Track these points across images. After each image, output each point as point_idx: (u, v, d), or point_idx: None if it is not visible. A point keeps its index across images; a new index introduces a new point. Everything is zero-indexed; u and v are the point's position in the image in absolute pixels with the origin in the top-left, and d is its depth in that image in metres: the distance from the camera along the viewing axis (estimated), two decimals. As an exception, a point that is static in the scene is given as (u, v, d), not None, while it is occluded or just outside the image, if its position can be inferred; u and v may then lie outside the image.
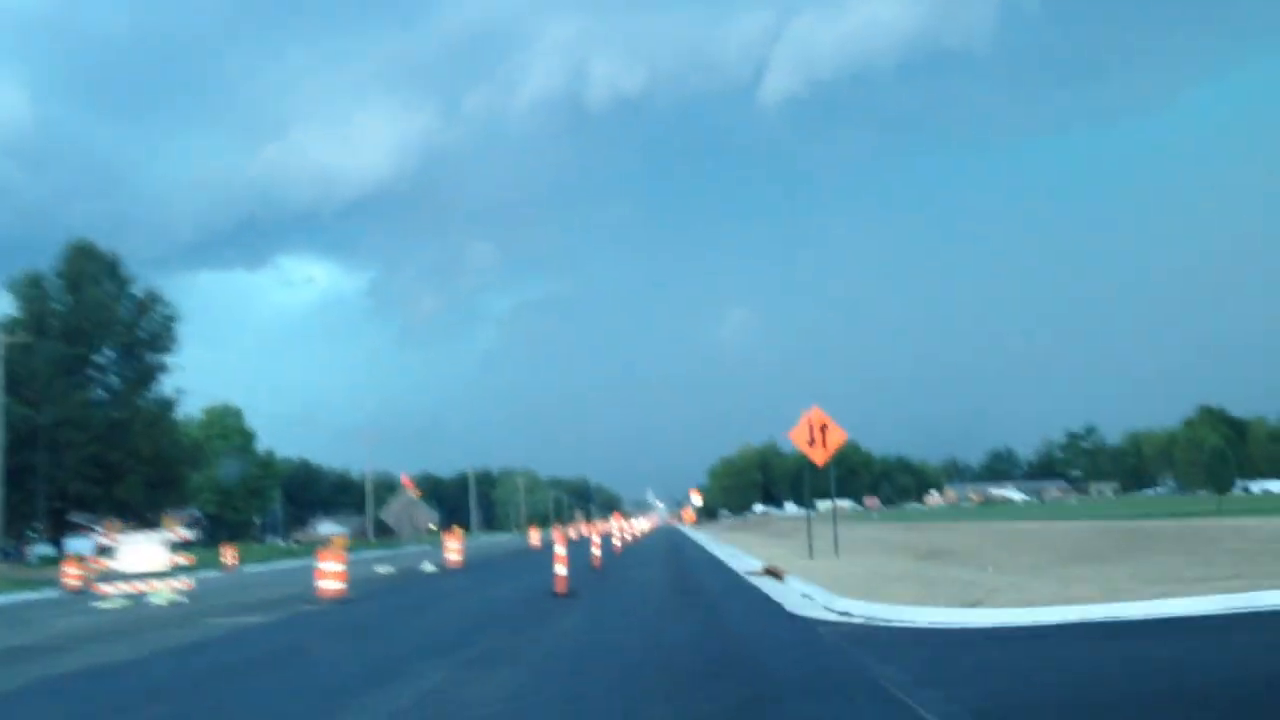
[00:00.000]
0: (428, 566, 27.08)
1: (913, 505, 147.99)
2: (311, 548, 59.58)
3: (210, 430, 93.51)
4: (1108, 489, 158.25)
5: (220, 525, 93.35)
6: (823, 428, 24.03)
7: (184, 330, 61.30)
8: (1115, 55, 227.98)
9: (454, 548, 28.51)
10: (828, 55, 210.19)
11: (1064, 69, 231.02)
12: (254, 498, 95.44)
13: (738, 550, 31.29)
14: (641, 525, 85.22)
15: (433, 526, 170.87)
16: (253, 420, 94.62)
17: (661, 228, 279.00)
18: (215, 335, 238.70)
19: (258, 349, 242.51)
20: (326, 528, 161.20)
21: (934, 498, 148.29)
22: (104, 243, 60.37)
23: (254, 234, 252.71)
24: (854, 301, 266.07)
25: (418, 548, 56.51)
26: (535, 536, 48.82)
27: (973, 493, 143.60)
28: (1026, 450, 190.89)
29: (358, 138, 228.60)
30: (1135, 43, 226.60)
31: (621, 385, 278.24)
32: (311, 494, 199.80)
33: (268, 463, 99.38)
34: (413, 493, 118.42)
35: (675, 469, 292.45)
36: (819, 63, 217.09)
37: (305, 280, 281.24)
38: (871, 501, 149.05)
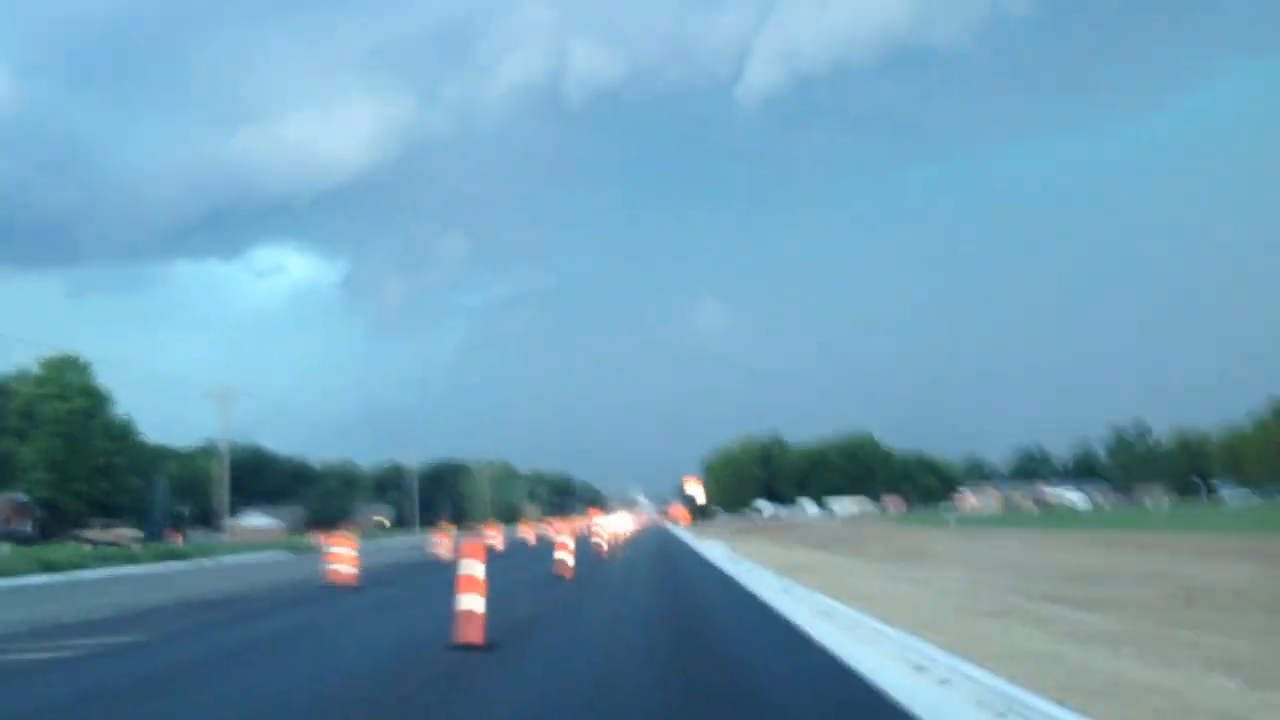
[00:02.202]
0: None
1: (947, 508, 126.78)
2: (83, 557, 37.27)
3: (44, 388, 71.32)
4: (1161, 495, 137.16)
5: (57, 514, 71.05)
6: None
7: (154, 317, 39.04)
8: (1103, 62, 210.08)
9: None
10: (810, 49, 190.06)
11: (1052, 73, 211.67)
12: (102, 478, 72.74)
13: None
14: (623, 525, 63.87)
15: (385, 522, 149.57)
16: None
17: (645, 218, 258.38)
18: (185, 322, 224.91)
19: (227, 338, 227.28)
20: (255, 520, 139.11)
21: (969, 499, 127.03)
22: (70, 228, 38.30)
23: (226, 222, 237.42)
24: (855, 292, 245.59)
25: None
26: (445, 542, 28.81)
27: (1022, 495, 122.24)
28: (1060, 449, 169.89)
29: (330, 125, 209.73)
30: (1121, 50, 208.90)
31: (608, 380, 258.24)
32: (263, 483, 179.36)
33: (123, 433, 76.34)
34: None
35: (662, 467, 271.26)
36: (801, 57, 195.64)
37: (275, 269, 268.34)
38: (894, 502, 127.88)
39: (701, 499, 59.40)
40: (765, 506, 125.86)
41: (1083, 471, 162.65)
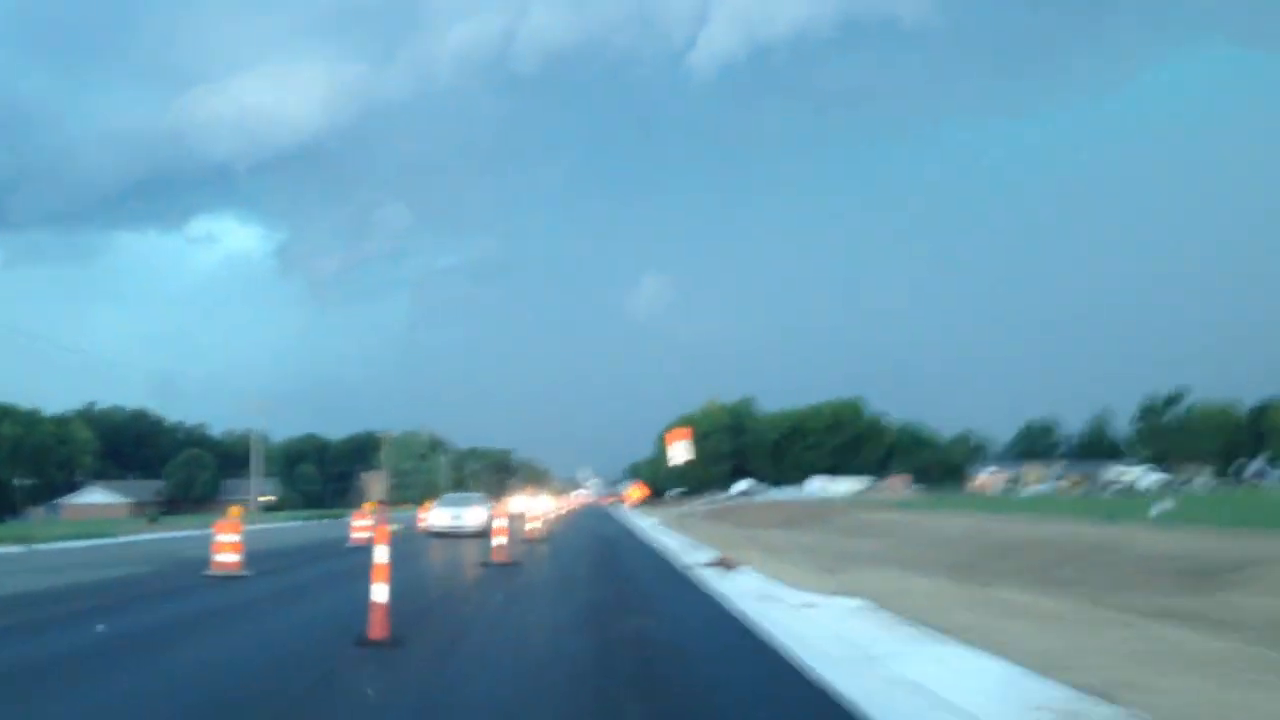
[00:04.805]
0: None
1: (963, 490, 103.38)
2: None
3: None
4: (1204, 474, 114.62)
5: None
6: None
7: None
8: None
9: None
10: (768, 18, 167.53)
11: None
12: None
13: None
14: (541, 507, 39.14)
15: (267, 498, 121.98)
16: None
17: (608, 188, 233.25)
18: (121, 294, 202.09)
19: (155, 309, 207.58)
20: (96, 496, 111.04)
21: (990, 478, 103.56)
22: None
23: (161, 191, 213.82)
24: (832, 256, 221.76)
25: None
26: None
27: (1068, 478, 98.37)
28: (1075, 423, 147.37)
29: (269, 90, 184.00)
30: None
31: (563, 356, 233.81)
32: (146, 451, 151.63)
33: None
34: None
35: (622, 447, 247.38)
36: (758, 25, 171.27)
37: (205, 237, 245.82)
38: (897, 482, 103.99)
39: (687, 457, 39.49)
40: (741, 485, 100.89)
41: (1094, 448, 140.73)
